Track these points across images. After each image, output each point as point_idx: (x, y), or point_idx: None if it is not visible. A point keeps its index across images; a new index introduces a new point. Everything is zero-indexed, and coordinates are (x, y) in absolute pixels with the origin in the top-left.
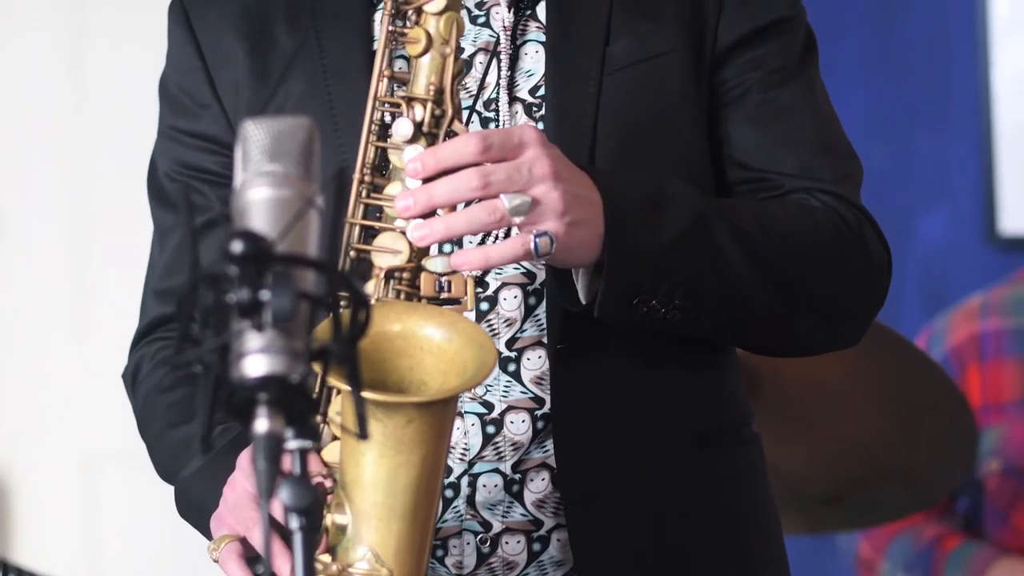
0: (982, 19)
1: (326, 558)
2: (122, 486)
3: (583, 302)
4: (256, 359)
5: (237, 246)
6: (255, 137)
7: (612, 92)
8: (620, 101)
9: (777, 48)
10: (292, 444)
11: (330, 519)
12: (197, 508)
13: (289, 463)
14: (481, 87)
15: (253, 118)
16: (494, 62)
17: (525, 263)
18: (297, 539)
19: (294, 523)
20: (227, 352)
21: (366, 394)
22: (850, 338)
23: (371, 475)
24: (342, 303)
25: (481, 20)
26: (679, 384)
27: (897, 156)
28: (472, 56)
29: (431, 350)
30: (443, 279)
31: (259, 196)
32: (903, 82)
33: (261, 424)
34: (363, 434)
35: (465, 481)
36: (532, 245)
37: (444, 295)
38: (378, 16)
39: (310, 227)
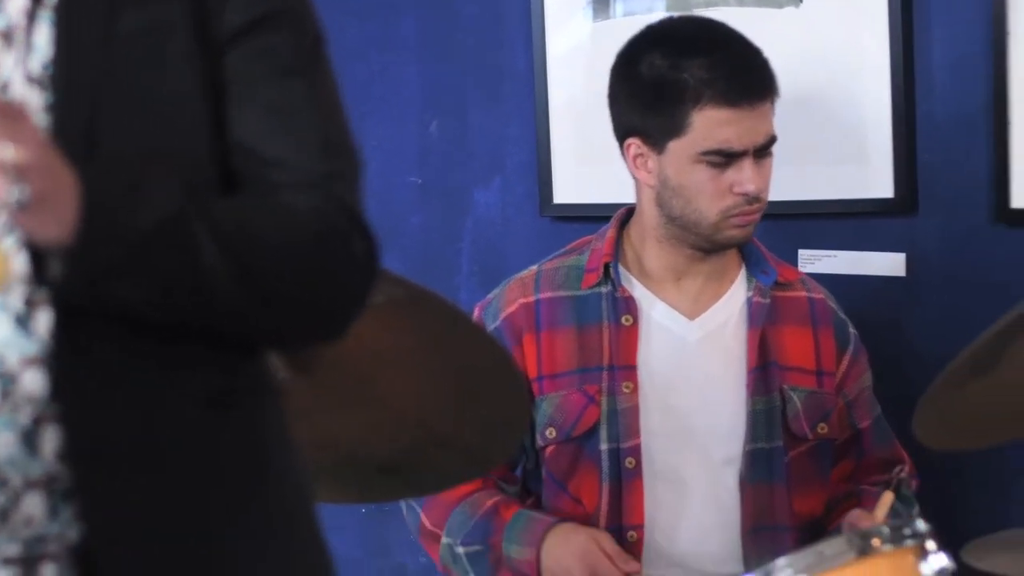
0: None
1: None
2: None
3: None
4: None
5: None
6: None
7: (116, 66)
8: (124, 76)
9: (283, 40)
10: None
11: None
12: None
13: None
14: None
15: None
16: (9, 46)
17: None
18: None
19: None
20: None
21: None
22: (332, 333)
23: None
24: None
25: None
26: (186, 341)
27: (453, 132)
28: None
29: None
30: None
31: None
32: (458, 59)
33: None
34: None
35: None
36: (12, 190)
37: None
38: None
39: None
